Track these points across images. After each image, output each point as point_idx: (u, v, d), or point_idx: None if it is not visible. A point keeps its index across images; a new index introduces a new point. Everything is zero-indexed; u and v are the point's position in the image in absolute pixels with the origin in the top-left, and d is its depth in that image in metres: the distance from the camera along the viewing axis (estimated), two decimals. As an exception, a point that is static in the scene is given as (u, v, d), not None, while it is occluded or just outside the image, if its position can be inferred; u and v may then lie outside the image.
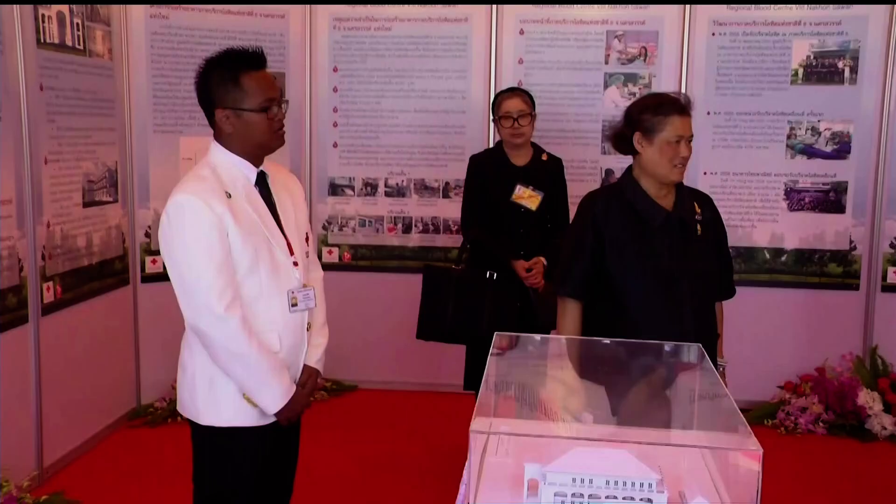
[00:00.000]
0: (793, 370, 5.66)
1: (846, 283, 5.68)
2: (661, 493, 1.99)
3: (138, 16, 5.25)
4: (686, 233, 3.08)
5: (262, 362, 2.60)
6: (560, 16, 5.69)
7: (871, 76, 5.52)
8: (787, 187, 5.68)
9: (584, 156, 5.65)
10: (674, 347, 2.69)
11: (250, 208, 2.64)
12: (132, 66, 5.23)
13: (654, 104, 3.04)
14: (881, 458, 5.07)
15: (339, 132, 5.92)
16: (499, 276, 4.46)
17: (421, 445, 4.95)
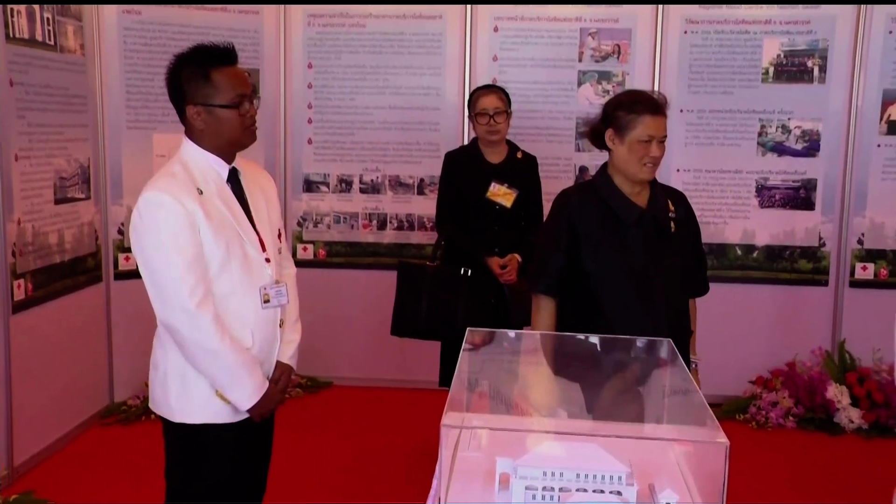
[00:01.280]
0: (764, 365, 5.71)
1: (815, 279, 5.73)
2: (630, 485, 2.00)
3: (110, 11, 5.20)
4: (660, 230, 3.08)
5: (234, 359, 2.60)
6: (534, 13, 5.70)
7: (839, 75, 5.58)
8: (758, 184, 5.72)
9: (558, 153, 5.66)
10: (645, 343, 2.70)
11: (222, 205, 2.63)
12: (105, 61, 5.19)
13: (628, 102, 3.03)
14: (849, 450, 5.12)
15: (314, 128, 5.90)
16: (473, 273, 4.47)
17: (395, 442, 4.95)
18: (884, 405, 5.32)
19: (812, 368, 5.58)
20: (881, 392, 5.34)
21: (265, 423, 2.85)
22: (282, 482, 4.26)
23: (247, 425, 2.73)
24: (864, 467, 4.85)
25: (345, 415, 5.45)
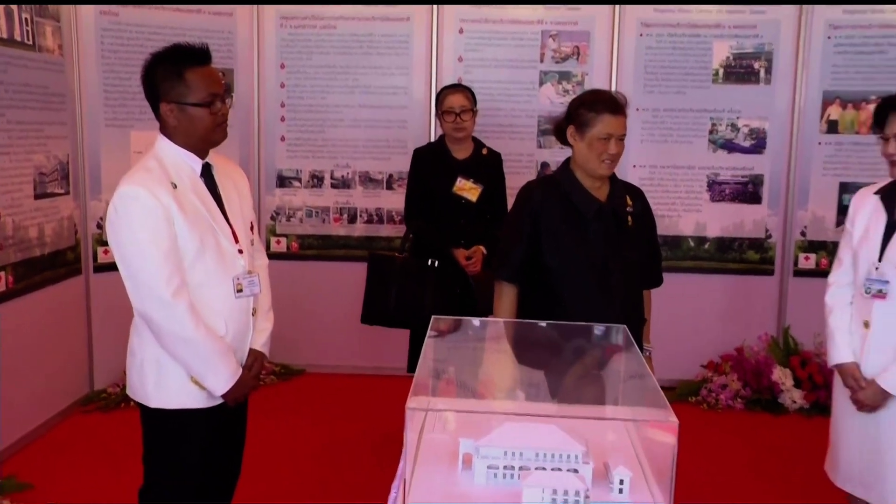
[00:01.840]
0: (715, 350, 5.78)
1: (762, 268, 5.82)
2: (586, 463, 2.03)
3: (88, 12, 5.17)
4: (618, 224, 3.10)
5: (208, 346, 2.61)
6: (497, 16, 5.72)
7: (784, 77, 5.67)
8: (709, 180, 5.79)
9: (521, 149, 5.70)
10: (602, 330, 2.72)
11: (196, 198, 2.64)
12: (83, 61, 5.15)
13: (589, 101, 3.06)
14: (792, 429, 5.21)
15: (287, 126, 5.89)
16: (440, 264, 4.48)
17: (366, 426, 4.97)
18: (823, 386, 5.38)
19: (759, 353, 5.67)
20: (821, 374, 5.42)
21: (239, 409, 2.86)
22: (256, 466, 4.27)
23: (221, 410, 2.74)
24: (806, 445, 4.90)
25: (317, 401, 5.47)
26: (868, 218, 3.04)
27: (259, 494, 3.95)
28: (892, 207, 2.99)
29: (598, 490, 2.03)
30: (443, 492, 2.04)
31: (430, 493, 2.02)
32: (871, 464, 3.01)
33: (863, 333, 3.01)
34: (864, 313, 3.00)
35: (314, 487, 4.20)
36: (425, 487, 2.04)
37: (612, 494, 2.04)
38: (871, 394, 2.95)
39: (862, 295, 3.01)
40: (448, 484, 2.07)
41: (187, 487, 2.74)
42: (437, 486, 2.06)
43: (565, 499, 1.97)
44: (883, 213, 3.00)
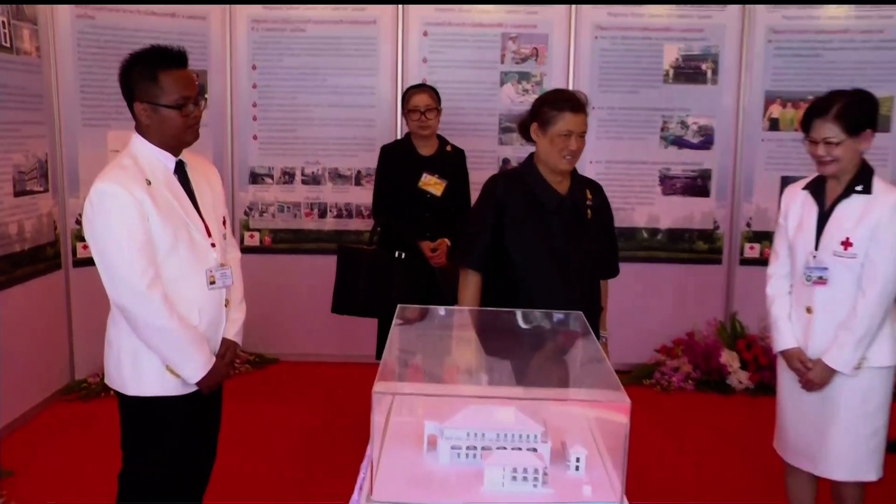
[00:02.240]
0: (667, 335, 5.84)
1: (711, 258, 5.88)
2: (545, 443, 2.06)
3: (64, 15, 5.10)
4: (578, 216, 3.12)
5: (183, 336, 2.60)
6: (460, 20, 5.73)
7: (729, 77, 5.73)
8: (661, 174, 5.84)
9: (484, 146, 5.70)
10: (560, 317, 2.75)
11: (169, 194, 2.63)
12: (60, 63, 5.09)
13: (552, 99, 3.08)
14: (738, 408, 5.29)
15: (259, 125, 5.86)
16: (407, 256, 4.48)
17: (337, 411, 4.97)
18: (767, 367, 5.44)
19: (708, 337, 5.73)
20: (766, 356, 5.49)
21: (213, 396, 2.85)
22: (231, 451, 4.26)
23: (195, 397, 2.73)
24: (751, 422, 4.98)
25: (290, 388, 5.46)
26: (800, 211, 3.10)
27: (234, 478, 3.94)
28: (821, 200, 3.05)
29: (555, 468, 2.06)
30: (409, 472, 2.05)
31: (396, 474, 2.04)
32: (817, 439, 3.07)
33: (806, 319, 3.05)
34: (806, 300, 3.05)
35: (287, 470, 4.20)
36: (392, 468, 2.06)
37: (569, 472, 2.07)
38: (818, 373, 3.00)
39: (803, 283, 3.05)
40: (414, 464, 2.09)
41: (164, 471, 2.73)
42: (403, 466, 2.07)
43: (525, 476, 1.99)
44: (814, 205, 3.06)
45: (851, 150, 2.93)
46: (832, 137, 2.91)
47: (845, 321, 2.95)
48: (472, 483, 2.00)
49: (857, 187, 2.96)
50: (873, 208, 2.91)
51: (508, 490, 1.98)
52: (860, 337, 2.92)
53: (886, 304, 2.94)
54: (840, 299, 2.97)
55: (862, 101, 2.97)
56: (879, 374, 2.98)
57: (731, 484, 4.18)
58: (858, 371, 2.96)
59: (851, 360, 2.94)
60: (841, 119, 2.90)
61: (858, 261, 2.93)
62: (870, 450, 3.02)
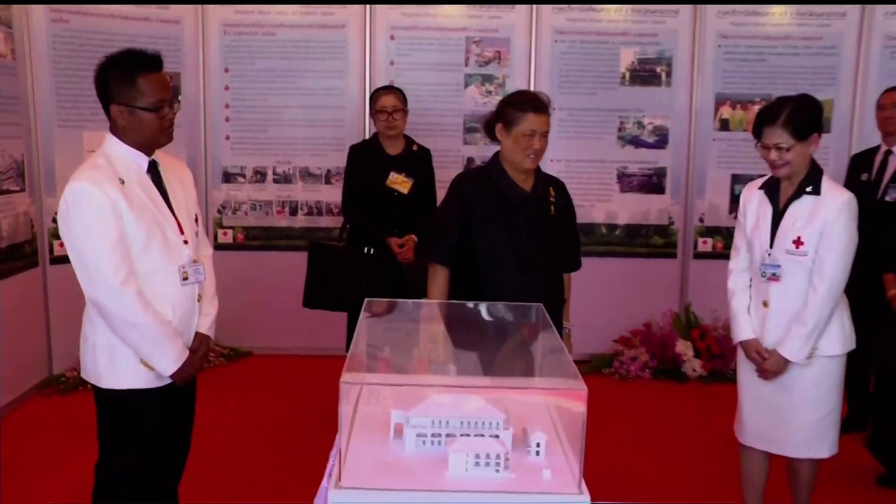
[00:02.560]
0: (625, 326, 5.88)
1: (666, 252, 5.93)
2: (506, 430, 2.07)
3: (39, 19, 5.03)
4: (542, 213, 3.15)
5: (157, 330, 2.59)
6: (425, 24, 5.73)
7: (682, 80, 5.79)
8: (618, 172, 5.87)
9: (448, 146, 5.70)
10: (522, 309, 2.75)
11: (143, 193, 2.61)
12: (35, 66, 5.02)
13: (515, 101, 3.10)
14: (693, 395, 5.35)
15: (231, 126, 5.82)
16: (375, 252, 4.49)
17: (308, 402, 4.96)
18: (719, 356, 5.54)
19: (664, 328, 5.78)
20: (718, 345, 5.57)
21: (187, 388, 2.84)
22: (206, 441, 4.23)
23: (170, 390, 2.72)
24: (705, 407, 5.06)
25: (263, 380, 5.44)
26: (757, 210, 3.16)
27: (209, 467, 3.93)
28: (775, 199, 3.11)
29: (517, 453, 2.06)
30: (375, 459, 2.05)
31: (363, 461, 2.04)
32: (774, 422, 3.15)
33: (763, 312, 3.12)
34: (763, 294, 3.12)
35: (260, 459, 4.19)
36: (359, 456, 2.06)
37: (529, 457, 2.08)
38: (773, 363, 3.07)
39: (759, 278, 3.12)
40: (381, 452, 2.09)
41: (140, 462, 2.71)
42: (370, 454, 2.07)
43: (487, 462, 2.00)
44: (769, 205, 3.12)
45: (801, 154, 3.01)
46: (783, 143, 2.98)
47: (798, 315, 3.02)
48: (437, 469, 2.00)
49: (807, 188, 3.03)
50: (822, 208, 2.99)
51: (472, 475, 1.98)
52: (811, 329, 3.00)
53: (835, 298, 3.01)
54: (793, 294, 3.04)
55: (807, 107, 3.04)
56: (830, 362, 3.07)
57: (686, 465, 4.23)
58: (810, 360, 3.04)
59: (804, 351, 3.02)
60: (789, 125, 2.97)
61: (809, 258, 3.00)
62: (823, 430, 3.11)
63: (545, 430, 2.14)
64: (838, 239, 2.97)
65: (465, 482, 1.96)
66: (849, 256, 3.00)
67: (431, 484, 1.96)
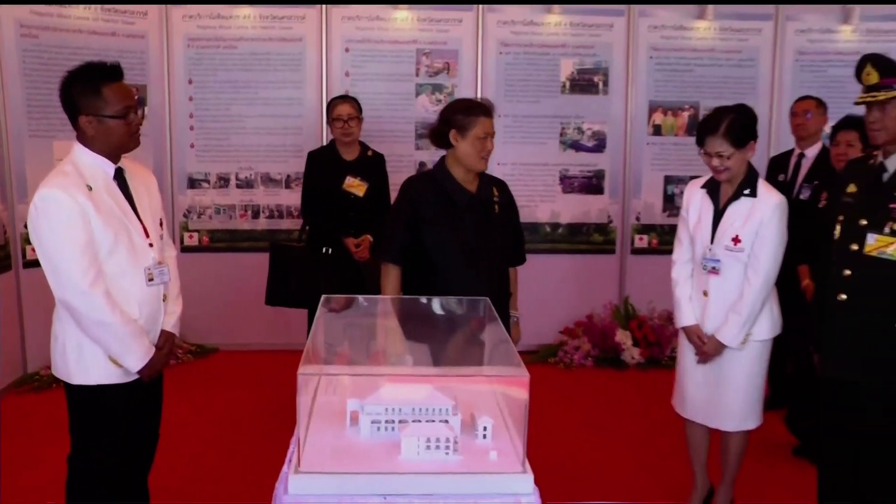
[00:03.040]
0: (569, 318, 5.93)
1: (606, 248, 6.00)
2: (455, 415, 2.11)
3: (10, 35, 4.94)
4: (487, 212, 3.18)
5: (124, 329, 2.58)
6: (378, 37, 5.74)
7: (618, 88, 5.87)
8: (560, 174, 5.93)
9: (401, 151, 5.70)
10: (470, 303, 2.79)
11: (110, 199, 2.59)
12: (7, 79, 4.93)
13: (464, 107, 3.13)
14: (632, 380, 5.43)
15: (196, 134, 5.78)
16: (333, 252, 4.50)
17: (271, 394, 4.93)
18: (655, 344, 5.63)
19: (604, 319, 5.84)
20: (654, 334, 5.66)
21: (154, 382, 2.82)
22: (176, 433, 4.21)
23: (137, 385, 2.70)
24: (643, 391, 5.15)
25: (229, 375, 5.40)
26: (699, 207, 3.27)
27: (179, 456, 3.91)
28: (716, 199, 3.22)
29: (465, 437, 2.11)
30: (333, 445, 2.08)
31: (321, 447, 2.06)
32: (712, 398, 3.28)
33: (703, 301, 3.24)
34: (703, 285, 3.24)
35: (227, 448, 4.18)
36: (318, 442, 2.08)
37: (477, 440, 2.12)
38: (711, 347, 3.20)
39: (700, 271, 3.24)
40: (337, 438, 2.11)
41: (110, 453, 2.70)
42: (327, 440, 2.10)
43: (437, 445, 2.04)
44: (710, 204, 3.23)
45: (740, 160, 3.13)
46: (723, 151, 3.09)
47: (734, 305, 3.14)
48: (391, 453, 2.04)
49: (745, 191, 3.15)
50: (757, 210, 3.11)
51: (423, 458, 2.02)
52: (746, 318, 3.13)
53: (767, 290, 3.15)
54: (730, 286, 3.16)
55: (745, 118, 3.15)
56: (761, 345, 3.22)
57: (627, 445, 4.30)
58: (744, 345, 3.17)
59: (739, 337, 3.15)
60: (729, 135, 3.09)
61: (745, 254, 3.12)
62: (752, 404, 3.27)
63: (492, 415, 2.18)
64: (771, 238, 3.10)
65: (417, 465, 2.00)
66: (780, 253, 3.14)
67: (385, 467, 1.99)
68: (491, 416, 2.17)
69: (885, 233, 2.82)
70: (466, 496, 1.92)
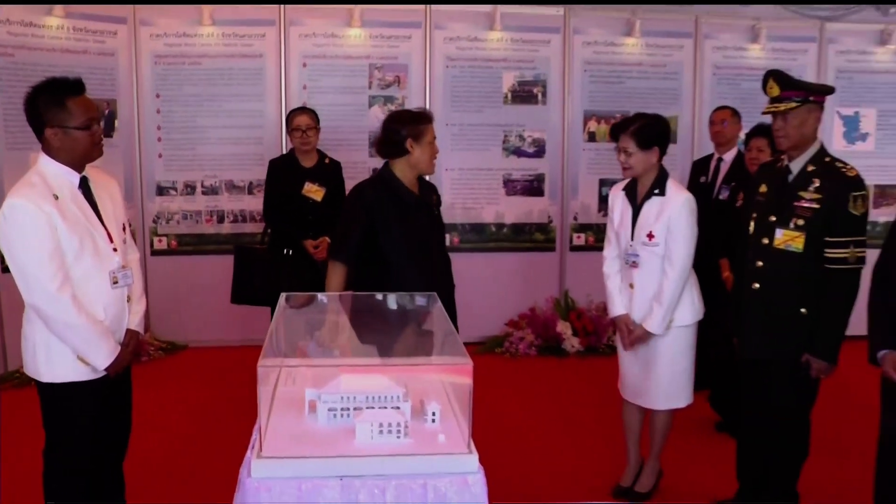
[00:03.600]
0: (514, 311, 5.95)
1: (547, 246, 6.05)
2: (406, 402, 2.13)
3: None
4: (429, 213, 3.24)
5: (90, 329, 2.56)
6: (333, 52, 5.72)
7: (555, 99, 5.93)
8: (504, 179, 5.97)
9: (356, 158, 5.66)
10: (418, 297, 2.82)
11: (75, 207, 2.57)
12: (-18, 95, 4.82)
13: (415, 117, 3.17)
14: (572, 368, 5.48)
15: (163, 145, 5.70)
16: (293, 253, 4.49)
17: (237, 387, 4.88)
18: (593, 333, 5.69)
19: (547, 311, 5.88)
20: (592, 324, 5.72)
21: (123, 379, 2.81)
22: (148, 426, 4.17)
23: (104, 381, 2.68)
24: (582, 377, 5.21)
25: (198, 370, 5.34)
26: (621, 208, 3.34)
27: (151, 448, 3.87)
28: (634, 199, 3.29)
29: (415, 422, 2.13)
30: (292, 432, 2.09)
31: (281, 434, 2.07)
32: (641, 380, 3.36)
33: (629, 292, 3.31)
34: (629, 278, 3.31)
35: (195, 438, 4.15)
36: (278, 429, 2.09)
37: (426, 424, 2.15)
38: (638, 334, 3.28)
39: (625, 265, 3.31)
40: (296, 426, 2.12)
41: (82, 446, 2.68)
42: (287, 428, 2.10)
43: (390, 430, 2.06)
44: (629, 205, 3.29)
45: (643, 161, 3.19)
46: (628, 148, 3.18)
47: (656, 295, 3.21)
48: (347, 438, 2.05)
49: (655, 191, 3.23)
50: (667, 207, 3.19)
51: (376, 442, 2.04)
52: (667, 307, 3.20)
53: (683, 280, 3.22)
54: (650, 278, 3.24)
55: (654, 124, 3.23)
56: (684, 330, 3.29)
57: (568, 426, 4.36)
58: (668, 331, 3.24)
59: (662, 324, 3.22)
60: (636, 136, 3.17)
61: (661, 249, 3.19)
62: (679, 385, 3.33)
63: (440, 401, 2.21)
64: (681, 232, 3.17)
65: (370, 448, 2.02)
66: (692, 245, 3.21)
67: (341, 451, 2.01)
68: (439, 402, 2.20)
69: (791, 228, 2.93)
70: (417, 476, 1.95)
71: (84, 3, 5.33)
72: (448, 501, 1.93)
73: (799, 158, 2.97)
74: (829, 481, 3.61)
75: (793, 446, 3.10)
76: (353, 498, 1.91)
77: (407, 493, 1.92)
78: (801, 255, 2.91)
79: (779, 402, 3.04)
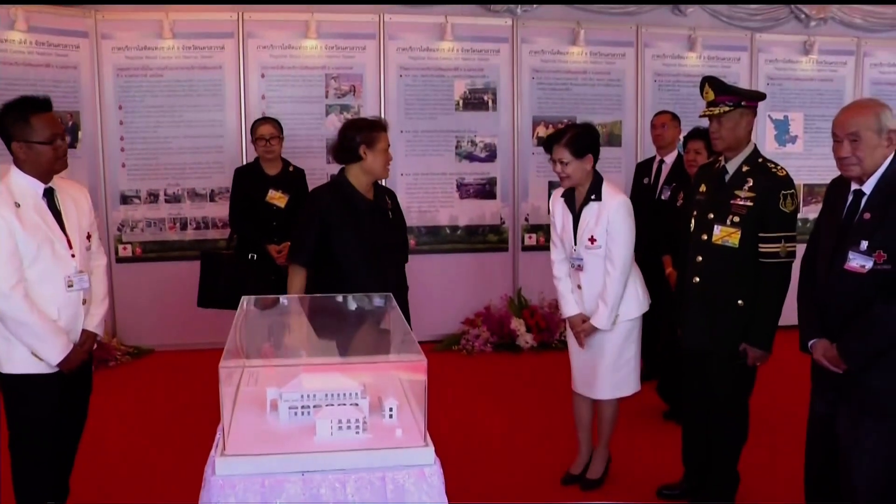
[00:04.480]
0: (470, 309, 5.95)
1: (500, 247, 6.07)
2: (364, 399, 2.12)
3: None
4: (383, 216, 3.22)
5: (41, 327, 2.61)
6: (291, 63, 5.68)
7: (505, 106, 5.96)
8: (458, 182, 5.98)
9: (314, 165, 5.53)
10: (374, 298, 2.81)
11: (36, 214, 2.64)
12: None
13: (370, 125, 3.16)
14: (526, 363, 5.50)
15: (126, 155, 5.59)
16: (258, 257, 4.46)
17: (203, 389, 4.73)
18: (546, 329, 5.73)
19: (501, 309, 5.89)
20: (544, 321, 5.75)
21: (82, 376, 2.84)
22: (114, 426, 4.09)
23: (61, 376, 2.71)
24: (536, 371, 5.24)
25: (164, 373, 5.24)
26: (561, 214, 3.37)
27: (117, 448, 3.79)
28: (573, 206, 3.32)
29: (374, 417, 2.12)
30: (255, 430, 2.07)
31: (244, 432, 2.05)
32: (589, 372, 3.39)
33: (578, 293, 3.34)
34: (576, 280, 3.35)
35: (162, 438, 4.07)
36: (241, 428, 2.07)
37: (384, 420, 2.14)
38: (587, 331, 3.31)
39: (571, 268, 3.34)
40: (258, 424, 2.10)
41: (43, 438, 2.71)
42: (249, 427, 2.08)
43: (348, 426, 2.05)
44: (568, 210, 3.32)
45: (578, 169, 3.22)
46: (564, 158, 3.21)
47: (601, 294, 3.24)
48: (307, 434, 2.04)
49: (591, 196, 3.26)
50: (604, 211, 3.22)
51: (336, 437, 2.03)
52: (612, 304, 3.24)
53: (625, 277, 3.25)
54: (595, 278, 3.27)
55: (585, 133, 3.26)
56: (630, 323, 3.32)
57: (522, 419, 4.38)
58: (615, 325, 3.27)
59: (609, 321, 3.26)
60: (569, 146, 3.20)
61: (602, 251, 3.23)
62: (624, 375, 3.37)
63: (396, 397, 2.21)
64: (620, 232, 3.21)
65: (330, 444, 2.01)
66: (630, 244, 3.25)
67: (303, 447, 1.99)
68: (396, 398, 2.19)
69: (727, 224, 2.99)
70: (376, 469, 1.94)
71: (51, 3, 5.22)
72: (406, 493, 1.92)
73: (735, 159, 3.03)
74: (767, 462, 3.68)
75: (733, 431, 3.16)
76: (315, 492, 1.89)
77: (367, 486, 1.91)
78: (737, 250, 2.97)
79: (719, 390, 3.10)
